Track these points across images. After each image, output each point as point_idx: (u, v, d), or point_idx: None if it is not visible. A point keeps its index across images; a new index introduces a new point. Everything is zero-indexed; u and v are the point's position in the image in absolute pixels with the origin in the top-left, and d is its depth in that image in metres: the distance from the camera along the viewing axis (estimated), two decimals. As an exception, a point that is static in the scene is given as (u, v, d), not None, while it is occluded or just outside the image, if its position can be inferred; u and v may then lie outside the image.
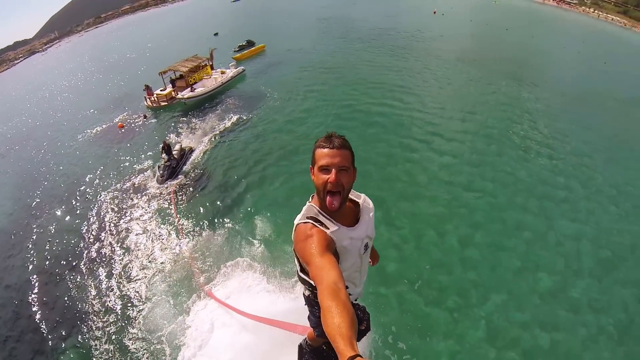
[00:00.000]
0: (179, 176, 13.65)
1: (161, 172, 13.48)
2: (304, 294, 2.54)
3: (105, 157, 16.55)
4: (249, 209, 11.28)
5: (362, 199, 2.28)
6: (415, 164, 13.23)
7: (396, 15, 48.71)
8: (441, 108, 18.25)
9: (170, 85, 21.45)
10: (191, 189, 12.98)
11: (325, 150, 1.91)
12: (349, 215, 2.18)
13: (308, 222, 1.98)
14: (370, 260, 2.77)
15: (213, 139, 15.96)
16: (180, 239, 10.46)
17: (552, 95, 22.53)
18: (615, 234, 10.37)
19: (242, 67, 23.56)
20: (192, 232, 10.73)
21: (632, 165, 14.42)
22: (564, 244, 9.93)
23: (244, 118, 17.42)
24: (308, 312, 2.78)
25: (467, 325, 7.57)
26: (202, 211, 11.59)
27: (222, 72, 22.62)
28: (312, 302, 2.47)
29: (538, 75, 26.97)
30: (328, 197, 1.92)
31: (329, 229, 1.97)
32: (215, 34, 38.94)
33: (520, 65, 28.89)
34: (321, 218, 2.01)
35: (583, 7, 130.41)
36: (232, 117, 17.56)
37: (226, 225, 10.67)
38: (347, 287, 2.06)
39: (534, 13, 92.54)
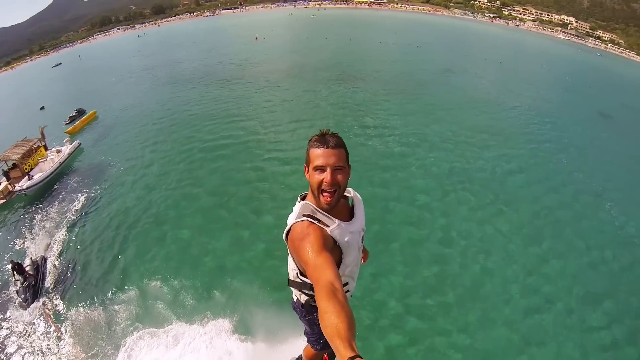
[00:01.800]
0: (43, 292, 11.75)
1: (22, 296, 11.46)
2: (300, 303, 2.45)
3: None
4: (134, 281, 10.99)
5: (352, 193, 2.32)
6: (267, 182, 15.04)
7: (221, 48, 50.50)
8: (278, 125, 20.53)
9: (4, 178, 19.02)
10: (64, 294, 11.45)
11: (320, 150, 1.94)
12: (344, 210, 2.22)
13: (305, 220, 1.99)
14: (361, 258, 2.94)
15: (67, 231, 14.46)
16: (73, 348, 9.66)
17: (374, 85, 27.49)
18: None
19: (77, 141, 22.39)
20: (82, 337, 9.89)
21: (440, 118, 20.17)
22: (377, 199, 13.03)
23: (92, 195, 16.72)
24: (305, 328, 2.73)
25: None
26: (85, 309, 10.62)
27: (58, 151, 21.08)
28: (312, 308, 2.37)
29: (359, 72, 31.49)
30: (323, 195, 1.96)
31: (329, 226, 2.00)
32: (42, 108, 35.78)
33: (343, 68, 33.21)
34: (319, 215, 2.03)
35: (392, 4, 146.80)
36: (79, 197, 16.66)
37: (117, 308, 10.26)
38: (347, 283, 2.26)
39: (350, 17, 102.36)
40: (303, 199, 2.21)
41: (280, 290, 9.51)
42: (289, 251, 2.13)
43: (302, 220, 2.00)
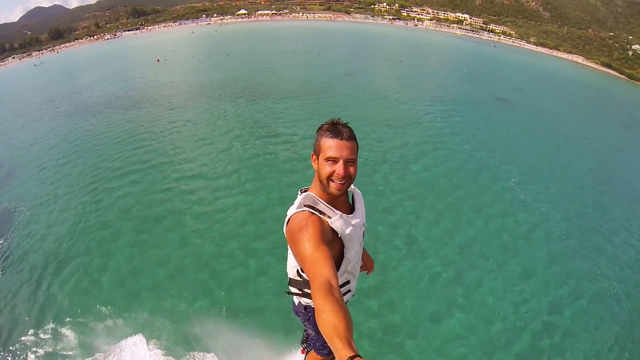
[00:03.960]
0: None
1: None
2: (302, 305, 2.42)
3: None
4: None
5: (352, 187, 2.30)
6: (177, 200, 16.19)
7: (122, 73, 49.75)
8: (182, 145, 21.86)
9: None
10: None
11: (333, 141, 1.92)
12: (345, 204, 2.21)
13: (305, 210, 1.97)
14: (366, 269, 2.99)
15: None
16: None
17: (274, 95, 30.29)
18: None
19: None
20: None
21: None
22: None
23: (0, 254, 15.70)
24: (309, 332, 2.67)
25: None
26: None
27: None
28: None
29: (259, 85, 34.37)
30: (333, 183, 1.96)
31: (331, 218, 2.00)
32: None
33: (242, 82, 35.47)
34: (320, 206, 2.02)
35: (293, 14, 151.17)
36: None
37: None
38: (349, 282, 2.30)
39: (252, 30, 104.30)
40: (303, 192, 2.20)
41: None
42: (288, 246, 2.10)
43: (302, 210, 1.99)
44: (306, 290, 2.19)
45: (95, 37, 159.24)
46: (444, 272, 11.42)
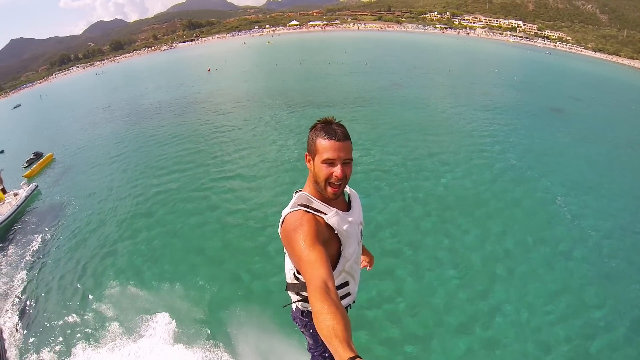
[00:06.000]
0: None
1: None
2: (300, 310, 2.36)
3: None
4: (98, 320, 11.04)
5: (347, 188, 2.25)
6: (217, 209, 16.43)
7: (175, 82, 51.79)
8: (224, 153, 22.07)
9: None
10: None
11: (329, 142, 1.87)
12: (341, 202, 2.18)
13: (299, 210, 1.94)
14: (367, 264, 2.92)
15: (26, 273, 14.51)
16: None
17: (319, 106, 29.82)
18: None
19: (35, 184, 22.93)
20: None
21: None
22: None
23: (50, 235, 17.08)
24: (308, 340, 2.56)
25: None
26: None
27: (15, 195, 21.57)
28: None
29: (305, 95, 34.24)
30: (330, 187, 1.94)
31: (326, 214, 1.97)
32: (1, 152, 36.32)
33: (289, 92, 35.65)
34: (315, 205, 1.99)
35: (344, 25, 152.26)
36: (37, 238, 17.00)
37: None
38: (347, 283, 2.23)
39: (303, 41, 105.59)
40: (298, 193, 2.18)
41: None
42: (284, 248, 2.05)
43: (296, 210, 1.95)
44: (303, 293, 2.17)
45: (152, 48, 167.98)
46: (467, 283, 10.89)
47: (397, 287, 10.79)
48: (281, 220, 2.02)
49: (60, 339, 10.87)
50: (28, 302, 12.93)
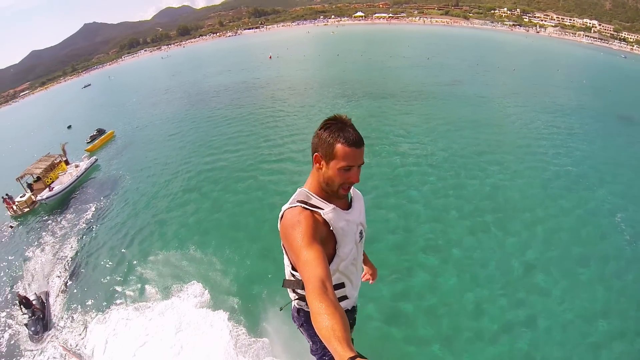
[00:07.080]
0: (53, 324, 11.33)
1: (33, 329, 11.02)
2: (296, 308, 2.31)
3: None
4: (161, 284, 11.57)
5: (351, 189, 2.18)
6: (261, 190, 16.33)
7: (236, 68, 52.73)
8: (275, 136, 21.90)
9: (29, 189, 21.22)
10: (73, 321, 11.18)
11: (351, 150, 1.83)
12: (343, 202, 2.11)
13: (297, 206, 1.89)
14: (369, 277, 2.79)
15: (78, 238, 15.60)
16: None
17: (376, 98, 28.87)
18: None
19: (95, 157, 24.35)
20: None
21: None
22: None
23: (105, 204, 18.21)
24: (307, 340, 2.45)
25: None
26: (97, 331, 10.47)
27: (77, 166, 23.04)
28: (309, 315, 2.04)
29: (364, 85, 33.29)
30: (343, 189, 1.92)
31: (323, 209, 1.91)
32: (69, 127, 38.50)
33: (348, 82, 34.67)
34: (314, 200, 1.95)
35: (410, 18, 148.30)
36: (92, 207, 18.21)
37: (128, 316, 10.62)
38: (343, 285, 2.11)
39: (367, 33, 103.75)
40: None
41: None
42: (282, 244, 1.99)
43: (294, 206, 1.90)
44: (299, 291, 2.13)
45: (217, 34, 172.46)
46: (503, 289, 10.19)
47: (430, 284, 10.44)
48: (280, 216, 1.96)
49: (102, 299, 11.67)
50: (77, 265, 13.89)
